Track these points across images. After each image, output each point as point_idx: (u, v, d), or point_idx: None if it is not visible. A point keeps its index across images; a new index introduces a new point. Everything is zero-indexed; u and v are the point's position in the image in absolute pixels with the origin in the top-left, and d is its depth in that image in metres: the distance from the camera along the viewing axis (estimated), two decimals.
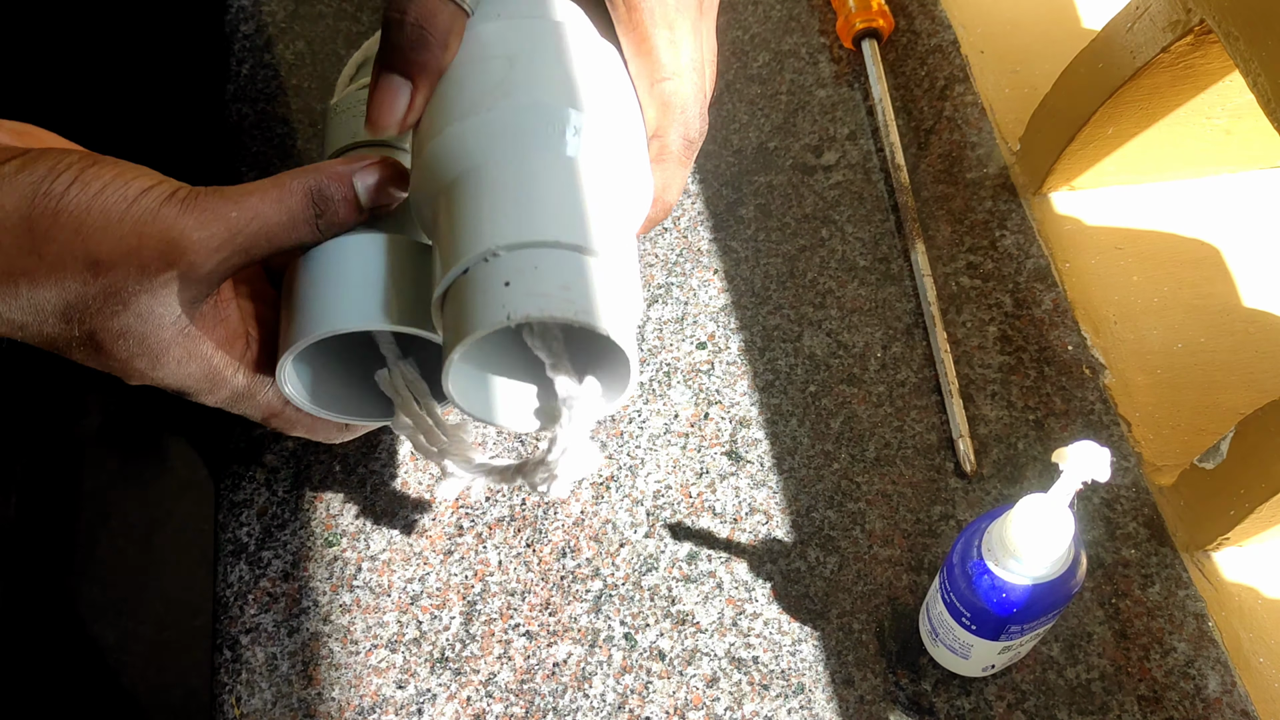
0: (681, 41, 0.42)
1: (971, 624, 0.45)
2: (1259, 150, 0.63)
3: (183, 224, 0.39)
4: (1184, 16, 0.50)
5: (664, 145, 0.43)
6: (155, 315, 0.39)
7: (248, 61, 0.69)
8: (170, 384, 0.42)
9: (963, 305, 0.60)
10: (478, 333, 0.37)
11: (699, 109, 0.43)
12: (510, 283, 0.37)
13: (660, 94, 0.42)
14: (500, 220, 0.38)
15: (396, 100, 0.41)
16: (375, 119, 0.41)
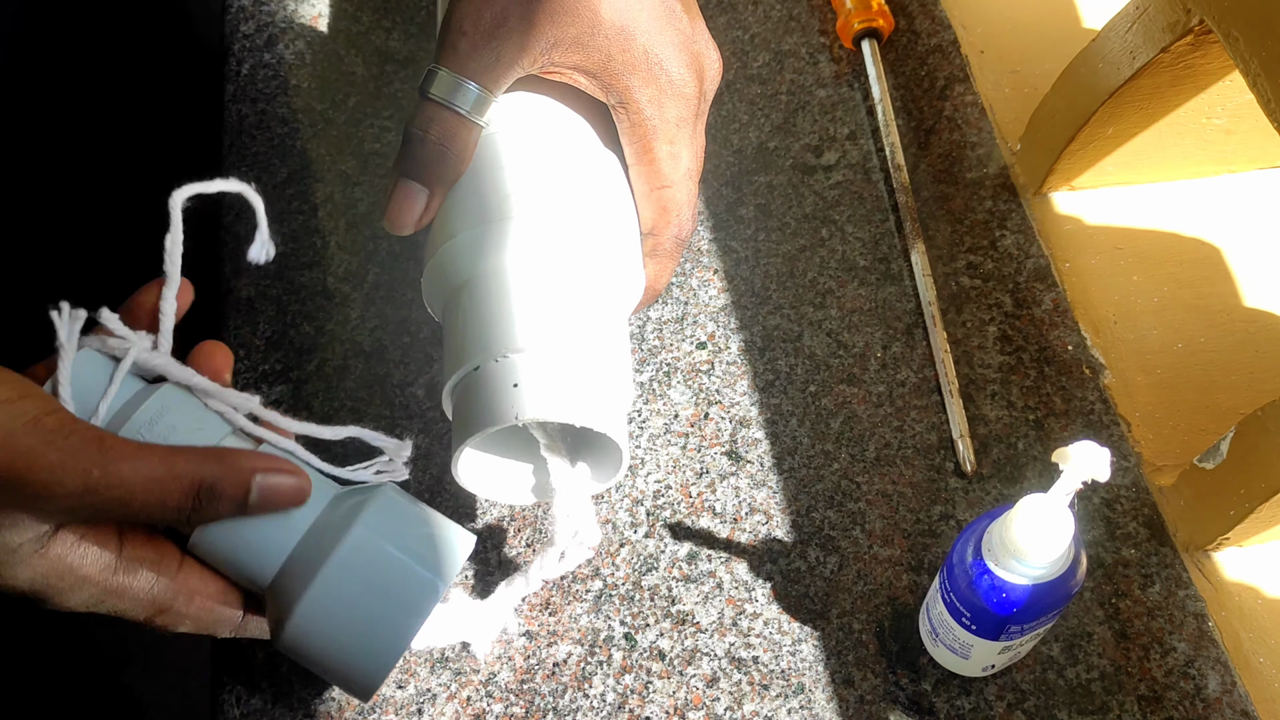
0: (679, 154, 0.47)
1: (971, 624, 0.45)
2: (1259, 150, 0.63)
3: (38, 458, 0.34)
4: (1184, 17, 0.50)
5: (658, 243, 0.49)
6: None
7: (247, 61, 0.69)
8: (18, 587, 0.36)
9: (963, 305, 0.60)
10: (490, 429, 0.42)
11: (691, 212, 0.49)
12: (519, 385, 0.43)
13: (659, 199, 0.48)
14: (509, 327, 0.44)
15: (414, 205, 0.46)
16: (394, 220, 0.46)
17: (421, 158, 0.45)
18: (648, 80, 0.45)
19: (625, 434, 0.45)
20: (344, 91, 0.68)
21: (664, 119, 0.46)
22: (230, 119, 0.67)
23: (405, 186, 0.46)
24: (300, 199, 0.64)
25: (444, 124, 0.45)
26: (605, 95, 0.46)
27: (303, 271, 0.62)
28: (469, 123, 0.45)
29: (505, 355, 0.43)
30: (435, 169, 0.45)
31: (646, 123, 0.46)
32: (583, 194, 0.47)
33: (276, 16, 0.71)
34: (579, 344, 0.44)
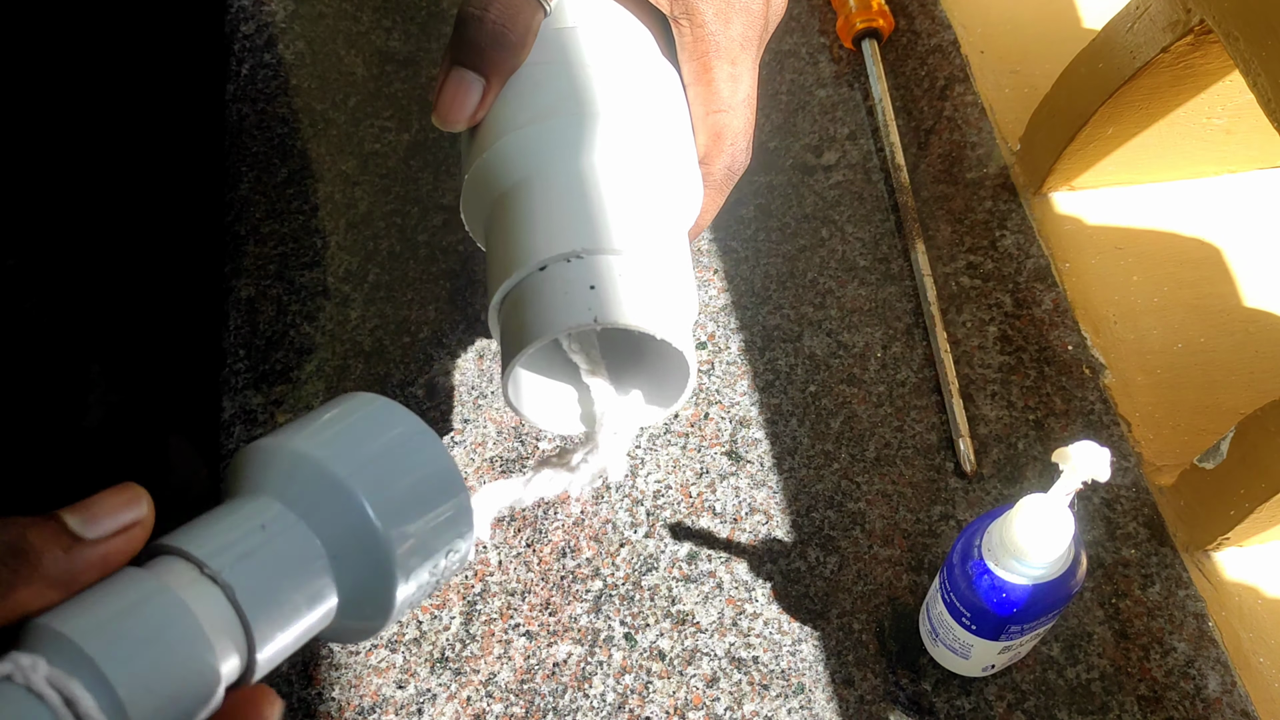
0: (741, 77, 0.43)
1: (971, 624, 0.45)
2: (1259, 150, 0.63)
3: None
4: (1184, 16, 0.50)
5: (709, 171, 0.44)
6: None
7: (248, 61, 0.69)
8: None
9: (963, 305, 0.60)
10: (556, 334, 0.37)
11: (746, 142, 0.44)
12: (595, 286, 0.37)
13: (714, 124, 0.43)
14: (586, 224, 0.38)
15: (469, 96, 0.40)
16: (445, 113, 0.40)
17: (479, 41, 0.39)
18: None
19: (693, 348, 0.40)
20: (344, 91, 0.68)
21: (728, 36, 0.42)
22: (231, 119, 0.67)
23: (459, 75, 0.40)
24: (300, 199, 0.64)
25: (505, 2, 0.39)
26: (669, 5, 0.42)
27: (303, 271, 0.62)
28: (533, 2, 0.40)
29: (580, 255, 0.38)
30: (494, 54, 0.40)
31: (710, 38, 0.41)
32: (646, 102, 0.43)
33: (276, 16, 0.71)
34: (659, 251, 0.40)
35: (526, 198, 0.40)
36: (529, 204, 0.40)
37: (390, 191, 0.64)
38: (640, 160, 0.41)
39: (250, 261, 0.62)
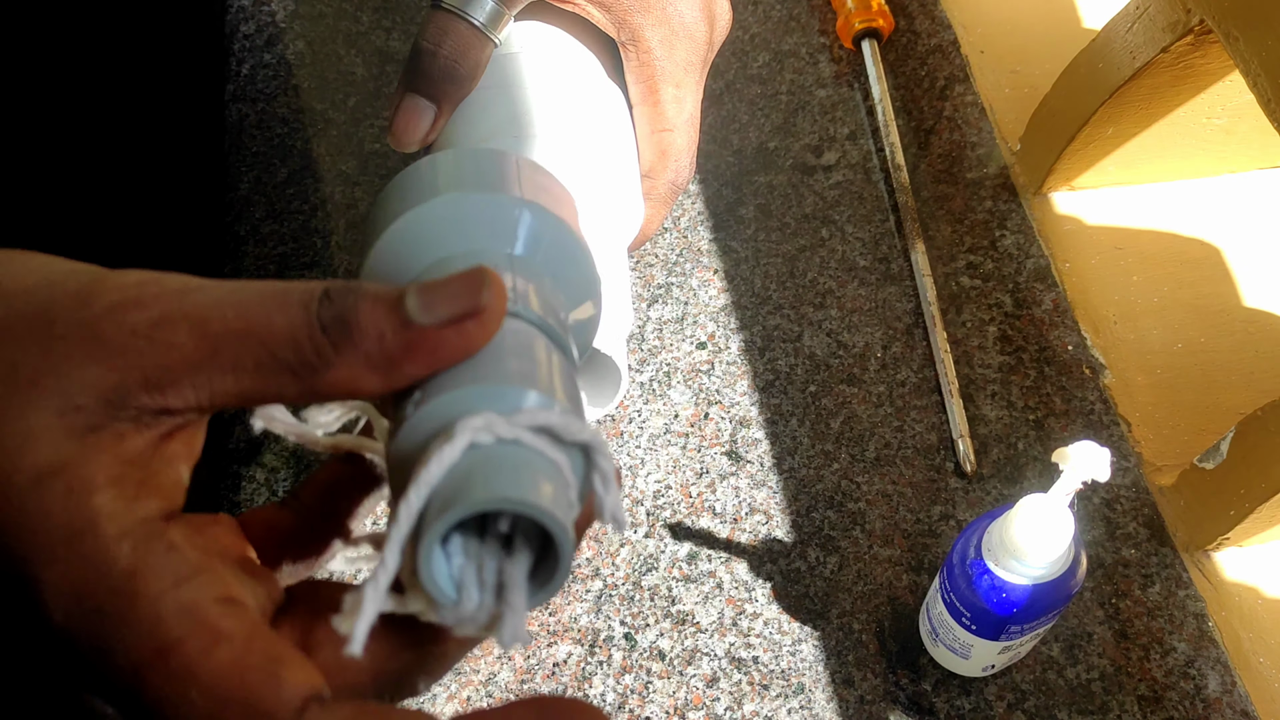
0: (685, 99, 0.46)
1: (971, 624, 0.45)
2: (1259, 150, 0.63)
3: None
4: (1184, 17, 0.50)
5: (654, 185, 0.47)
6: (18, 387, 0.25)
7: (247, 61, 0.69)
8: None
9: (963, 305, 0.60)
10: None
11: (689, 159, 0.47)
12: None
13: (660, 142, 0.46)
14: None
15: (421, 121, 0.43)
16: (399, 135, 0.44)
17: (431, 73, 0.43)
18: (660, 21, 0.44)
19: (624, 356, 0.42)
20: (344, 91, 0.68)
21: (673, 61, 0.45)
22: (231, 118, 0.67)
23: (412, 101, 0.43)
24: (300, 199, 0.64)
25: (457, 38, 0.42)
26: (616, 31, 0.45)
27: (303, 272, 0.62)
28: (483, 38, 0.43)
29: None
30: (444, 86, 0.43)
31: (655, 63, 0.44)
32: (589, 123, 0.46)
33: (276, 16, 0.71)
34: (608, 248, 0.42)
35: None
36: None
37: None
38: (578, 178, 0.43)
39: (250, 261, 0.62)
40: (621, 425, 0.57)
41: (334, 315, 0.25)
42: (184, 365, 0.25)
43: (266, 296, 0.25)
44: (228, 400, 0.25)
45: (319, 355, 0.25)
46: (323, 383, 0.25)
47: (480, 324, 0.26)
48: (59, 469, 0.24)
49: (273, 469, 0.56)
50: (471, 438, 0.25)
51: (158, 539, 0.25)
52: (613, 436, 0.57)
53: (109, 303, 0.25)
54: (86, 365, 0.24)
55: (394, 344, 0.25)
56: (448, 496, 0.25)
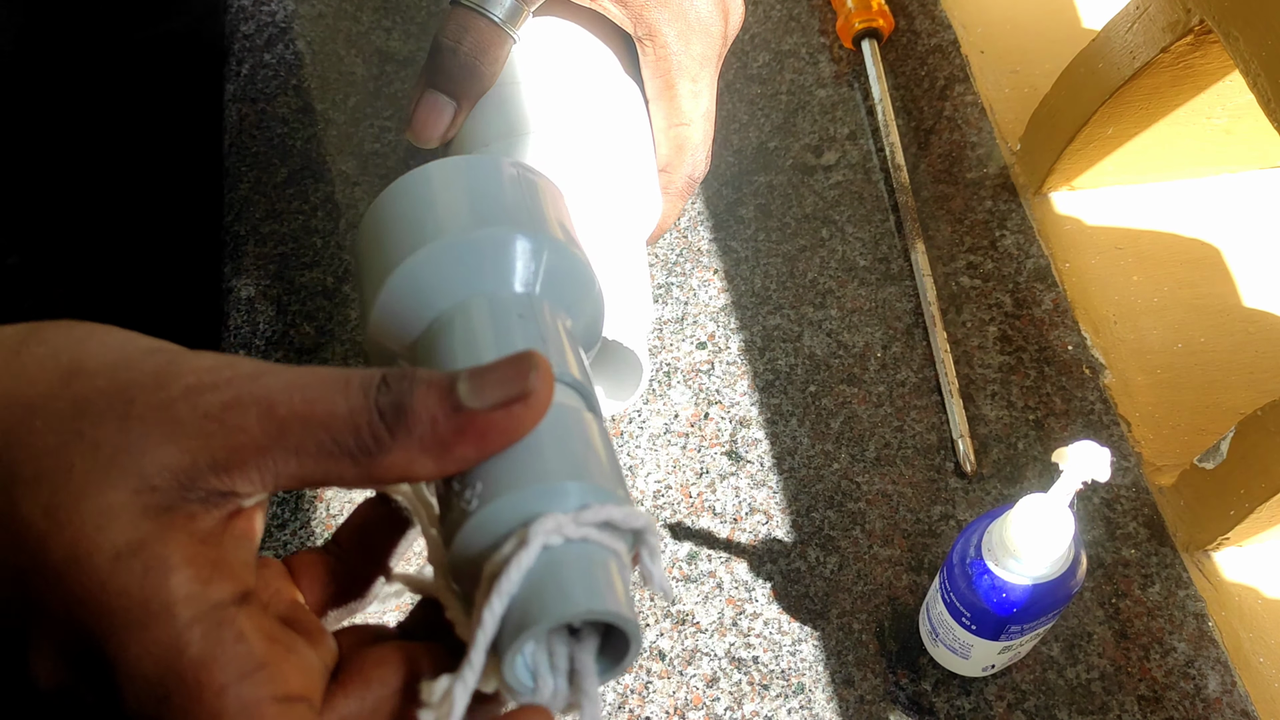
0: (701, 93, 0.46)
1: (971, 624, 0.45)
2: (1259, 150, 0.63)
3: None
4: (1184, 17, 0.50)
5: (671, 179, 0.48)
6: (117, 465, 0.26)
7: (247, 61, 0.69)
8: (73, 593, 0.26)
9: (963, 305, 0.60)
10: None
11: (705, 153, 0.48)
12: None
13: (676, 136, 0.47)
14: None
15: (441, 117, 0.44)
16: (419, 131, 0.44)
17: (451, 69, 0.43)
18: (676, 16, 0.45)
19: (645, 348, 0.42)
20: (344, 91, 0.68)
21: (689, 56, 0.45)
22: (230, 118, 0.67)
23: (432, 97, 0.44)
24: (300, 199, 0.64)
25: (477, 34, 0.43)
26: (633, 27, 0.45)
27: (303, 271, 0.62)
28: (502, 34, 0.43)
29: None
30: (465, 83, 0.43)
31: (671, 58, 0.45)
32: (606, 119, 0.46)
33: (276, 16, 0.71)
34: (599, 258, 0.42)
35: None
36: None
37: None
38: (595, 173, 0.44)
39: (250, 261, 0.62)
40: (621, 425, 0.57)
41: (390, 401, 0.26)
42: (251, 448, 0.26)
43: (330, 382, 0.27)
44: (289, 483, 0.27)
45: (376, 440, 0.26)
46: (379, 466, 0.27)
47: (528, 407, 0.27)
48: (137, 548, 0.25)
49: None
50: (544, 541, 0.27)
51: (228, 627, 0.26)
52: (613, 436, 0.57)
53: (185, 385, 0.26)
54: (162, 446, 0.25)
55: (446, 429, 0.27)
56: (527, 605, 0.27)
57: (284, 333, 0.60)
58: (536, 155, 0.44)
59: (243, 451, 0.26)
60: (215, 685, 0.25)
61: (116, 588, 0.25)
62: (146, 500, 0.25)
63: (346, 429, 0.26)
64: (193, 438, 0.25)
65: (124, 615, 0.25)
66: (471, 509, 0.28)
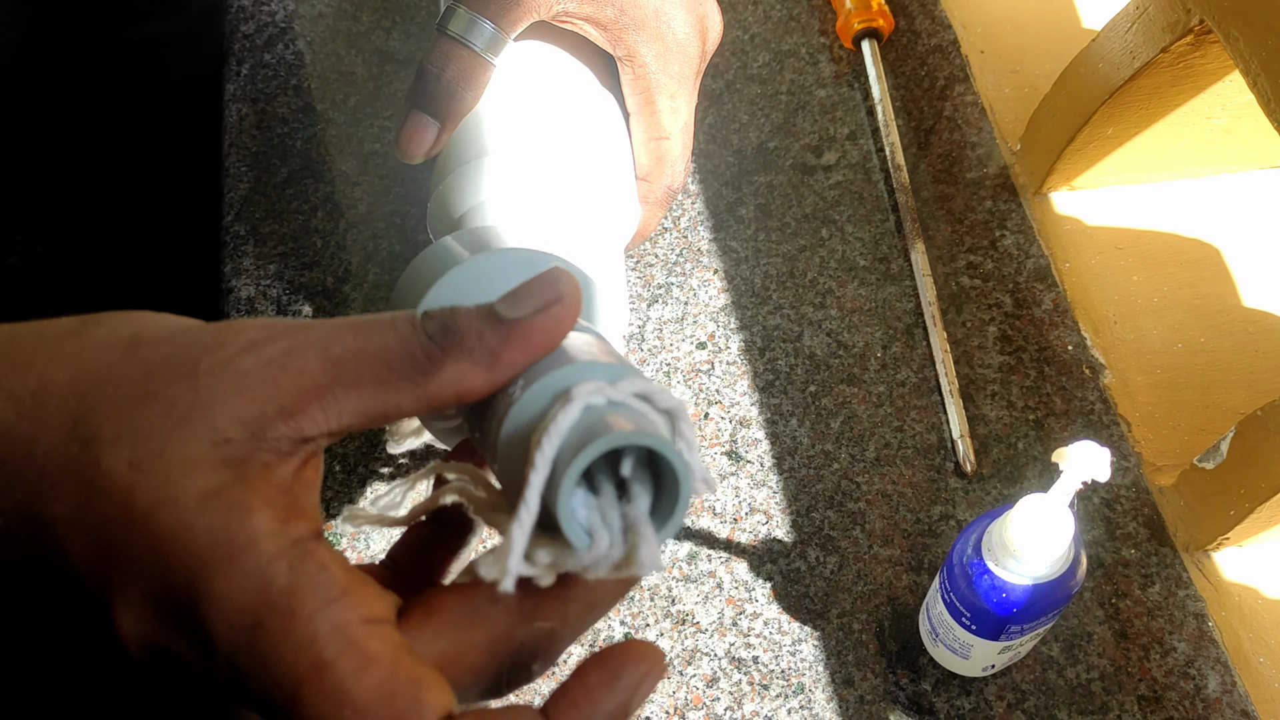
0: (680, 108, 0.49)
1: (971, 624, 0.45)
2: (1259, 150, 0.63)
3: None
4: (1183, 16, 0.50)
5: (650, 189, 0.50)
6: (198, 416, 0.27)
7: (247, 61, 0.69)
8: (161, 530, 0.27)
9: (963, 305, 0.60)
10: None
11: (684, 164, 0.50)
12: None
13: (656, 149, 0.49)
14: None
15: (425, 136, 0.46)
16: (404, 149, 0.47)
17: (435, 93, 0.46)
18: (655, 36, 0.47)
19: (621, 350, 0.46)
20: (344, 91, 0.68)
21: (667, 74, 0.48)
22: (230, 118, 0.67)
23: (417, 117, 0.46)
24: (300, 199, 0.64)
25: (459, 62, 0.45)
26: (613, 48, 0.48)
27: (303, 271, 0.62)
28: (483, 62, 0.46)
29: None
30: (447, 104, 0.46)
31: (650, 76, 0.47)
32: (581, 133, 0.49)
33: (276, 16, 0.71)
34: (578, 262, 0.44)
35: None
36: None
37: (390, 191, 0.64)
38: (574, 184, 0.47)
39: (250, 261, 0.62)
40: None
41: (437, 326, 0.29)
42: (314, 389, 0.27)
43: (377, 321, 0.29)
44: (353, 420, 0.28)
45: (430, 359, 0.28)
46: (435, 384, 0.28)
47: (565, 308, 0.29)
48: (219, 492, 0.27)
49: None
50: (587, 400, 0.28)
51: (311, 558, 0.27)
52: None
53: (244, 341, 0.28)
54: (232, 398, 0.27)
55: (493, 338, 0.29)
56: (577, 445, 0.28)
57: None
58: (517, 169, 0.46)
59: (307, 393, 0.27)
60: (305, 610, 0.26)
61: (203, 526, 0.26)
62: (224, 452, 0.27)
63: (400, 354, 0.28)
64: (259, 386, 0.27)
65: (212, 551, 0.26)
66: (516, 398, 0.30)
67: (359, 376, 0.28)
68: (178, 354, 0.28)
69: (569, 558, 0.28)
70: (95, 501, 0.26)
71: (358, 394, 0.28)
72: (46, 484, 0.27)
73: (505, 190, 0.47)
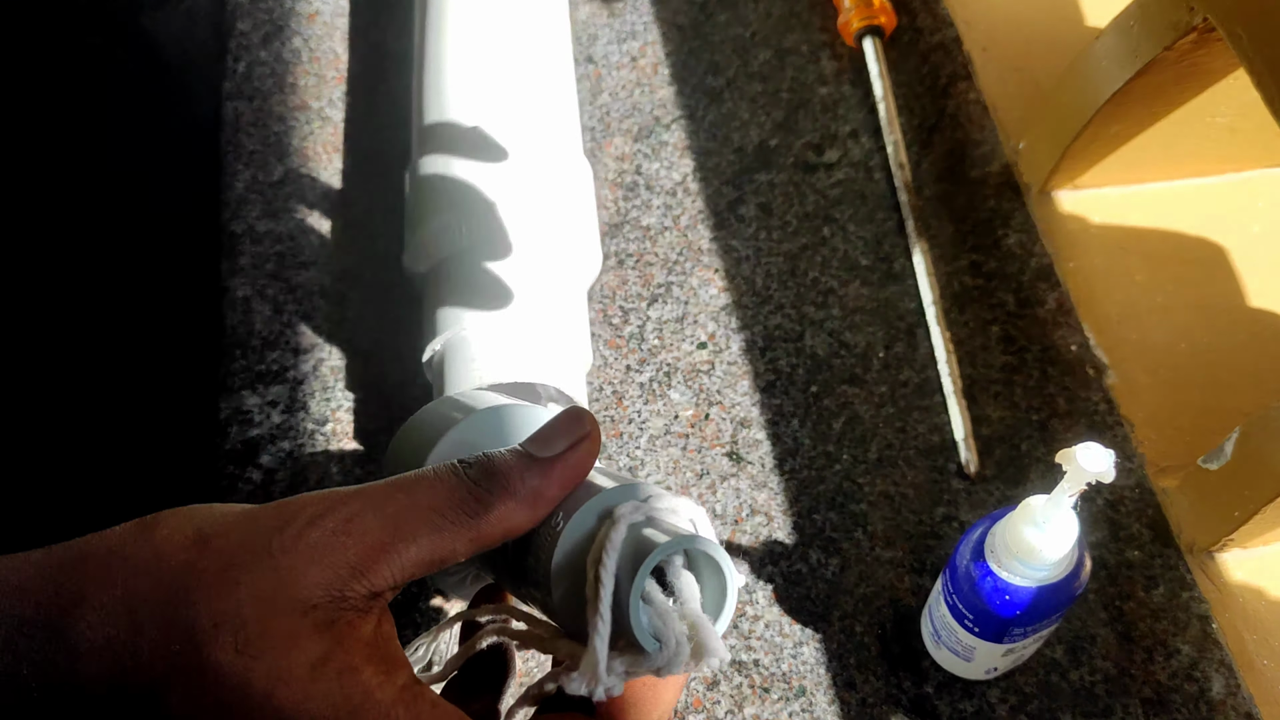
0: None
1: (974, 626, 0.45)
2: (1263, 149, 0.63)
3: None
4: (1187, 15, 0.50)
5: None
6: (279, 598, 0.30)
7: (244, 59, 0.69)
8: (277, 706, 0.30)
9: (965, 305, 0.60)
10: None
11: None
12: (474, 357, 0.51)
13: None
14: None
15: None
16: None
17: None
18: None
19: (584, 390, 0.50)
20: (340, 89, 0.67)
21: None
22: (227, 116, 0.66)
23: None
24: (297, 197, 0.63)
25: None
26: None
27: (300, 271, 0.61)
28: None
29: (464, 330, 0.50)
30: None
31: None
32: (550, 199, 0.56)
33: (273, 14, 0.70)
34: (545, 308, 0.51)
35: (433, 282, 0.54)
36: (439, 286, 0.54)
37: (387, 191, 0.64)
38: (543, 236, 0.53)
39: (247, 261, 0.61)
40: (621, 426, 0.57)
41: (479, 471, 0.32)
42: (379, 547, 0.30)
43: (419, 477, 0.32)
44: (415, 570, 0.31)
45: (480, 502, 0.31)
46: (485, 526, 0.31)
47: (593, 442, 0.33)
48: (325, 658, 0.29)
49: (269, 470, 0.56)
50: (630, 519, 0.32)
51: (421, 699, 0.30)
52: (613, 437, 0.57)
53: (306, 517, 0.30)
54: (309, 570, 0.29)
55: (534, 477, 0.32)
56: (635, 559, 0.32)
57: (280, 332, 0.59)
58: (491, 224, 0.53)
59: (374, 551, 0.30)
60: None
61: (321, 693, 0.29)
62: (315, 619, 0.29)
63: (450, 502, 0.31)
64: (331, 553, 0.30)
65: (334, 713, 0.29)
66: (560, 527, 0.33)
67: (416, 529, 0.30)
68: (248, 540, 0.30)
69: (643, 663, 0.32)
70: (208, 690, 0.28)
71: (416, 546, 0.30)
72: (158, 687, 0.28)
73: (479, 239, 0.53)
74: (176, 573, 0.29)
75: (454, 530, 0.31)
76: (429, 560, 0.31)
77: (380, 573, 0.30)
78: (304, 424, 0.57)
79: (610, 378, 0.58)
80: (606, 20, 0.71)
